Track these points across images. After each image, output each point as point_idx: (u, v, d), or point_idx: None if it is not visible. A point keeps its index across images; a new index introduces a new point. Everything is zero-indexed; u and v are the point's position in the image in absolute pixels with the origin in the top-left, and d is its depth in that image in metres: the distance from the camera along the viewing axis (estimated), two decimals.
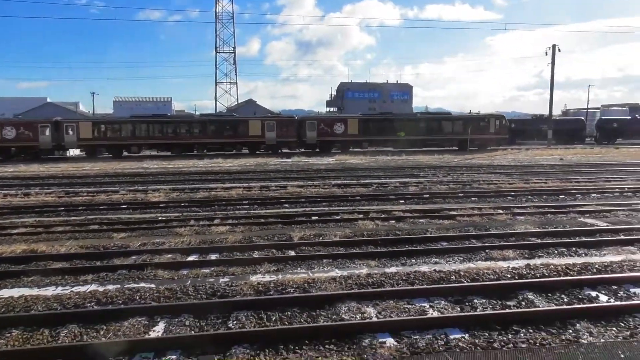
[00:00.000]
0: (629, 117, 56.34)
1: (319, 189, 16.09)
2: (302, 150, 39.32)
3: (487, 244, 8.48)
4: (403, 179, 18.80)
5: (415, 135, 39.56)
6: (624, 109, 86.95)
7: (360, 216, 11.22)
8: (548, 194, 14.77)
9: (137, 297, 6.07)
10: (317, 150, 38.77)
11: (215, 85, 67.31)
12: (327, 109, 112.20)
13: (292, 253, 8.23)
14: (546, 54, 42.30)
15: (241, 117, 42.10)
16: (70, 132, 36.13)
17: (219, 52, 66.88)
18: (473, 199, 13.98)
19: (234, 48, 67.64)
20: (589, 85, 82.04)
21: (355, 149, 39.95)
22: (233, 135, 38.05)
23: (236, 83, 68.36)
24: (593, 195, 14.60)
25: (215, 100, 67.12)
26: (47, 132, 35.69)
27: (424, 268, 7.21)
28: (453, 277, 6.69)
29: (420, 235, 9.22)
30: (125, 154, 37.48)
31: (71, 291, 6.39)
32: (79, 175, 22.46)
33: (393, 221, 10.73)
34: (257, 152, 37.99)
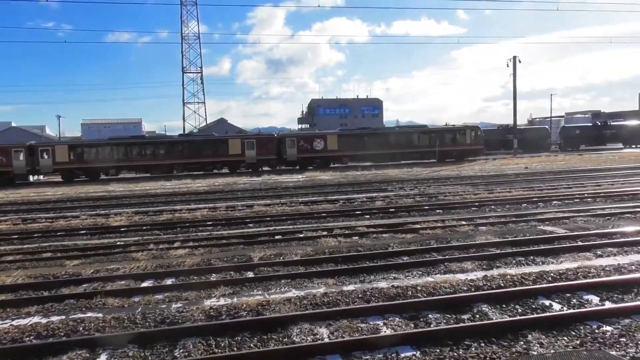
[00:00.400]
0: (589, 124, 58.22)
1: (285, 207, 15.95)
2: (283, 167, 39.19)
3: (446, 257, 8.45)
4: (371, 194, 18.81)
5: (394, 149, 39.98)
6: (586, 116, 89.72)
7: (324, 233, 11.10)
8: (511, 203, 14.94)
9: (81, 329, 5.78)
10: (297, 167, 38.67)
11: (183, 105, 66.83)
12: (299, 125, 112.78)
13: (250, 274, 8.05)
14: (507, 66, 43.47)
15: (221, 136, 42.02)
16: (46, 156, 35.42)
17: (186, 73, 66.54)
18: (438, 211, 14.04)
19: (201, 68, 67.50)
20: (551, 94, 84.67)
21: (336, 164, 40.06)
22: (213, 155, 37.80)
23: (204, 103, 67.92)
24: (554, 202, 14.84)
25: (184, 120, 66.61)
26: (21, 156, 34.93)
27: (382, 284, 7.12)
28: (410, 293, 6.61)
29: (381, 251, 9.15)
30: (102, 176, 36.78)
31: (11, 325, 6.05)
32: (39, 201, 21.79)
33: (356, 237, 10.66)
34: (238, 170, 37.73)
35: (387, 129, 46.66)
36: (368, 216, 13.65)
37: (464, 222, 11.79)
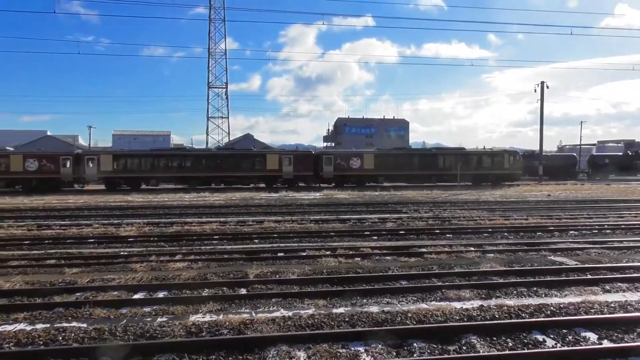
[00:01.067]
0: (620, 153, 56.58)
1: (295, 225, 15.83)
2: (319, 184, 39.69)
3: (445, 283, 8.19)
4: (384, 215, 18.56)
5: (430, 170, 40.15)
6: (619, 145, 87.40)
7: (327, 253, 10.92)
8: (525, 230, 14.51)
9: (60, 338, 5.75)
10: (333, 184, 39.17)
11: (207, 120, 67.76)
12: (325, 144, 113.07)
13: (243, 291, 7.94)
14: (535, 91, 42.80)
15: (259, 150, 42.77)
16: (91, 165, 36.49)
17: (212, 88, 67.66)
18: (448, 235, 13.71)
19: (226, 84, 68.29)
20: (581, 122, 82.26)
21: (371, 183, 40.23)
22: (250, 169, 38.43)
23: (227, 118, 68.75)
24: (571, 232, 14.31)
25: (207, 134, 67.46)
26: (68, 164, 35.98)
27: (374, 309, 6.90)
28: (399, 319, 6.39)
29: (380, 274, 8.92)
30: (143, 186, 37.65)
31: None
32: (59, 208, 22.22)
33: (358, 258, 10.46)
34: (274, 185, 38.31)
35: (424, 150, 46.55)
36: (376, 237, 13.40)
37: (472, 248, 11.46)
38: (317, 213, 19.47)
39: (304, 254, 10.91)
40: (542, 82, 42.71)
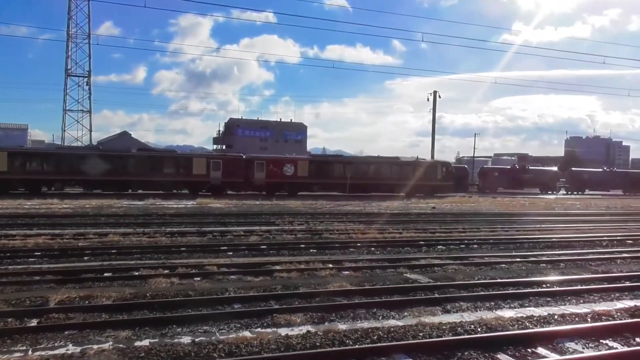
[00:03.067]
0: (508, 167, 61.96)
1: (144, 238, 14.94)
2: (249, 192, 39.11)
3: (283, 306, 7.98)
4: (252, 227, 18.25)
5: (365, 180, 41.45)
6: (512, 158, 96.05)
7: (165, 272, 10.31)
8: (395, 245, 14.99)
9: None
10: (264, 193, 38.76)
11: (64, 113, 62.35)
12: (214, 146, 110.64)
13: (33, 322, 7.08)
14: (428, 100, 45.41)
15: (185, 153, 42.51)
16: None
17: (71, 76, 62.34)
18: (311, 250, 13.75)
19: (89, 72, 62.93)
20: (475, 134, 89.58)
21: (304, 192, 40.35)
22: (174, 174, 37.15)
23: (90, 112, 63.81)
24: (439, 247, 15.04)
25: (63, 130, 62.23)
26: None
27: (185, 339, 6.44)
28: (207, 351, 5.99)
29: (214, 296, 8.51)
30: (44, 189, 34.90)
31: None
32: None
33: (198, 278, 9.98)
34: (200, 192, 37.17)
35: (360, 158, 47.51)
36: (231, 253, 13.04)
37: (330, 265, 11.49)
38: (177, 224, 18.70)
39: (136, 273, 10.20)
40: (435, 92, 45.77)
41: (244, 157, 41.66)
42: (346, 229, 18.37)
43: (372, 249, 14.38)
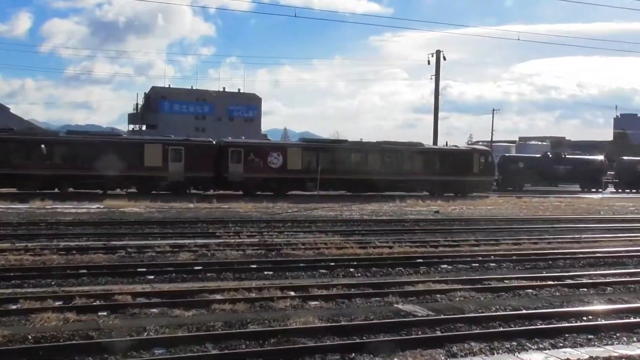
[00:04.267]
0: (538, 156, 62.95)
1: (29, 256, 14.72)
2: (221, 191, 39.35)
3: (224, 352, 7.96)
4: (183, 240, 18.24)
5: (378, 174, 41.69)
6: (544, 143, 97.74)
7: (57, 304, 10.18)
8: (382, 264, 15.12)
9: None
10: (241, 192, 38.99)
11: None
12: (131, 126, 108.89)
13: None
14: (429, 63, 45.83)
15: (134, 138, 43.22)
16: None
17: None
18: (267, 273, 13.81)
19: None
20: (493, 110, 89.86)
21: (296, 190, 40.95)
22: (118, 166, 36.09)
23: None
24: (443, 265, 15.26)
25: None
26: None
27: None
28: None
29: (125, 339, 8.41)
30: None
31: None
32: None
33: (105, 312, 9.85)
34: (154, 192, 36.88)
35: (371, 145, 47.57)
36: (152, 276, 13.02)
37: (291, 293, 11.51)
38: (76, 237, 18.64)
39: (14, 306, 10.04)
40: (438, 52, 46.15)
41: (214, 142, 42.01)
42: (315, 243, 18.45)
43: (351, 269, 14.45)
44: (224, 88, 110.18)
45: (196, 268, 14.00)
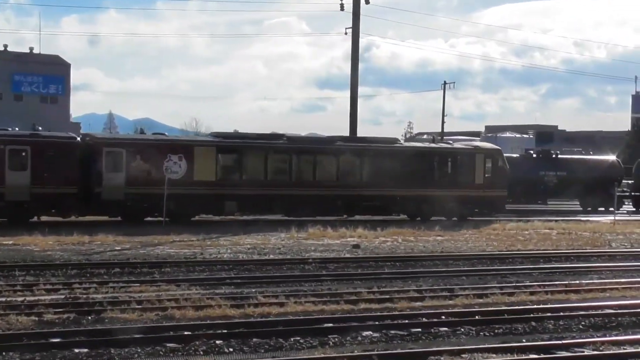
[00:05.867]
0: (515, 155, 64.49)
1: None
2: (91, 217, 40.28)
3: None
4: None
5: (331, 187, 44.79)
6: (525, 135, 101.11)
7: None
8: (269, 333, 15.06)
9: None
10: (119, 218, 40.58)
11: None
12: None
13: None
14: (342, 8, 46.46)
15: None
16: None
17: None
18: (79, 351, 13.63)
19: None
20: (445, 84, 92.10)
21: (207, 214, 43.13)
22: None
23: None
24: (366, 333, 15.29)
25: None
26: None
27: None
28: None
29: None
30: None
31: None
32: None
33: None
34: None
35: (321, 141, 49.59)
36: None
37: None
38: None
39: None
40: None
41: (77, 139, 42.83)
42: (160, 300, 18.29)
43: (219, 342, 14.34)
44: (5, 46, 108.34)
45: None
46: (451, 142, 55.90)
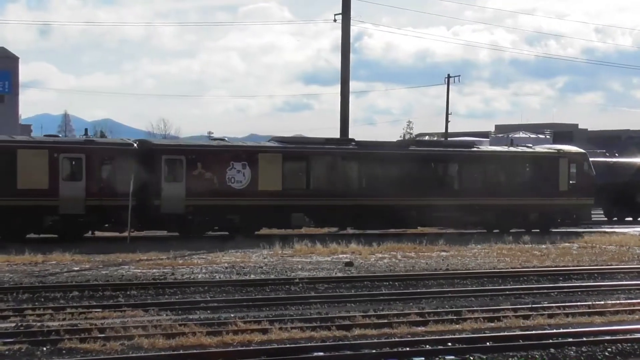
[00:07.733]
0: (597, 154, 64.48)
1: None
2: (149, 232, 41.27)
3: None
4: None
5: (409, 197, 44.97)
6: (541, 136, 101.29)
7: None
8: None
9: None
10: (178, 232, 40.96)
11: None
12: None
13: None
14: None
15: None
16: None
17: None
18: None
19: None
20: (449, 77, 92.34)
21: (271, 228, 43.36)
22: None
23: None
24: None
25: None
26: None
27: None
28: None
29: None
30: None
31: None
32: None
33: None
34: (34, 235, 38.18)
35: (392, 145, 51.74)
36: None
37: None
38: None
39: None
40: None
41: (136, 145, 42.83)
42: (126, 327, 18.17)
43: None
44: None
45: None
46: (531, 145, 55.68)
